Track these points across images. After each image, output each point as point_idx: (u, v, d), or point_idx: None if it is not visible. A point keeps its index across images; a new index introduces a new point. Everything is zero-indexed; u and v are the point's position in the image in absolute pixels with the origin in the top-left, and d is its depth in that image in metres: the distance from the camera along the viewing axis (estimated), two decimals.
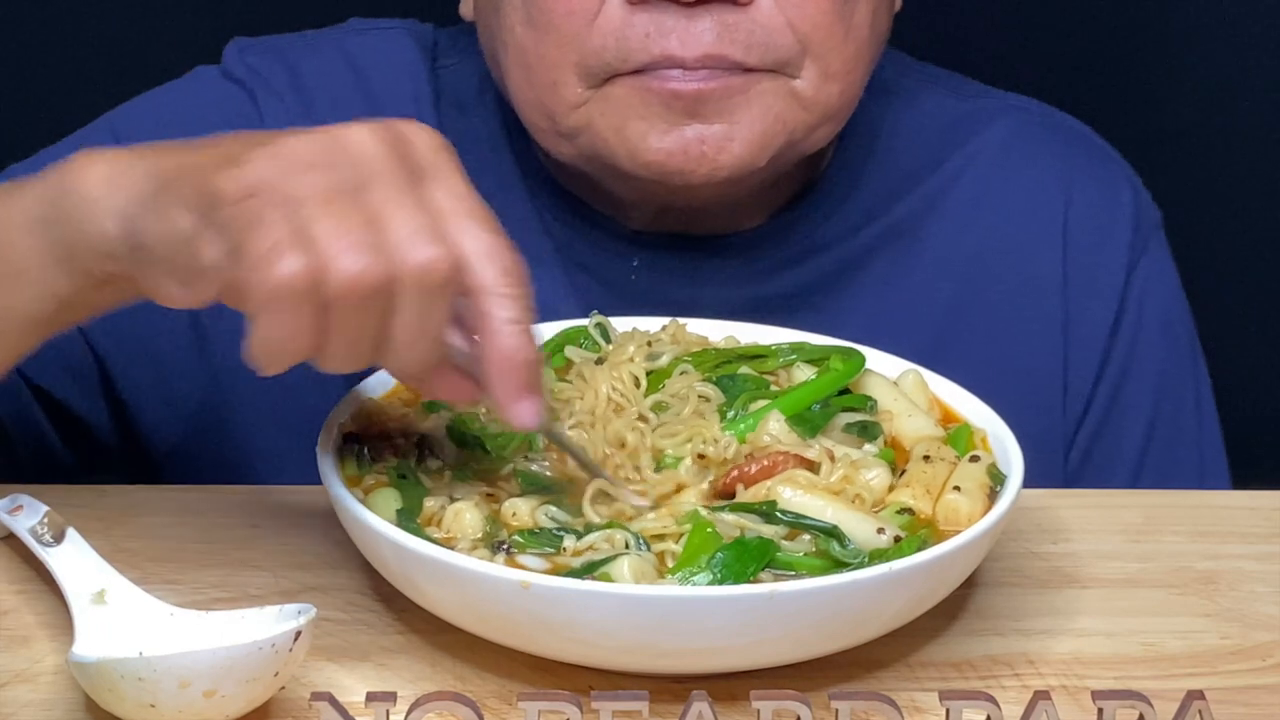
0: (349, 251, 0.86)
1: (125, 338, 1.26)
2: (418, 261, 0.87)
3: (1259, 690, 0.96)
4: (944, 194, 1.34)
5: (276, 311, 0.87)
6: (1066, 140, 1.38)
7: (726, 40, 1.16)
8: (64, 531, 1.01)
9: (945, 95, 1.38)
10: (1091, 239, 1.34)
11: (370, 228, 0.87)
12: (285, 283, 0.86)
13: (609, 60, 1.17)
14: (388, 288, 0.87)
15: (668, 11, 1.16)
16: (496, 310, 0.90)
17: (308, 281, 0.86)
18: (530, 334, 0.91)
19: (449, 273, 0.88)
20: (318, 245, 0.86)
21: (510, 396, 0.91)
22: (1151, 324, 1.35)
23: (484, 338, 0.90)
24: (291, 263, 0.86)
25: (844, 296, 1.31)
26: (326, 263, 0.86)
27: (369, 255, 0.87)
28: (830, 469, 0.99)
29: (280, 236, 0.86)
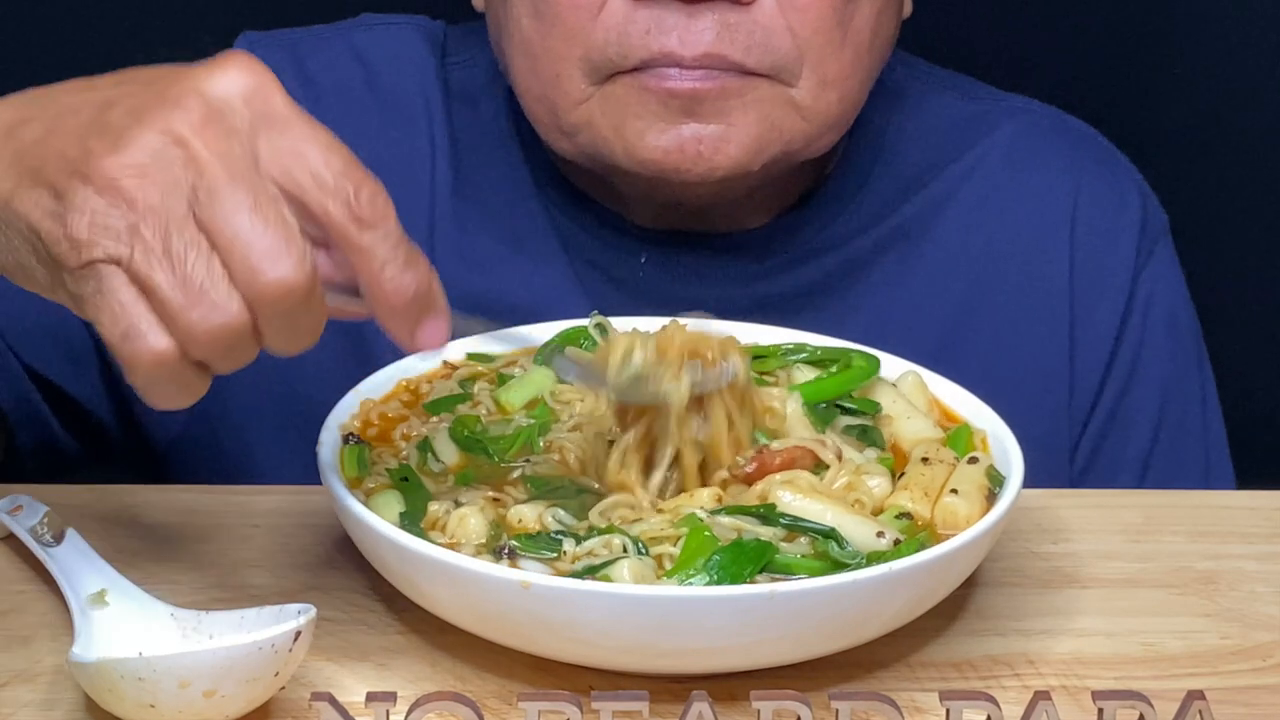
0: (199, 309, 0.83)
1: None
2: (269, 289, 0.84)
3: (1259, 690, 0.96)
4: (951, 196, 1.34)
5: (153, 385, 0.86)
6: (1074, 143, 1.38)
7: (726, 40, 1.16)
8: (64, 532, 1.01)
9: (953, 98, 1.38)
10: (1098, 242, 1.34)
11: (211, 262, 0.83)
12: (145, 362, 0.84)
13: (611, 55, 1.18)
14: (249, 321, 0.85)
15: (669, 9, 1.16)
16: (366, 260, 0.86)
17: (168, 358, 0.84)
18: (409, 267, 0.87)
19: (304, 288, 0.85)
20: (167, 311, 0.83)
21: (408, 332, 0.89)
22: (1157, 326, 1.35)
23: (363, 287, 0.87)
24: (147, 346, 0.84)
25: (850, 296, 1.31)
26: (182, 330, 0.84)
27: (220, 304, 0.83)
28: (836, 471, 0.99)
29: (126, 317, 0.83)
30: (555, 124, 1.22)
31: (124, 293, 0.83)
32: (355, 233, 0.86)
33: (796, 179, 1.30)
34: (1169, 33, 1.81)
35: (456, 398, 1.09)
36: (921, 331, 1.28)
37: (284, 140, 0.85)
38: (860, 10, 1.20)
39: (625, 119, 1.19)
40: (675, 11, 1.16)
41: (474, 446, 1.04)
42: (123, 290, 0.83)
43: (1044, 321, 1.33)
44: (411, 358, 1.12)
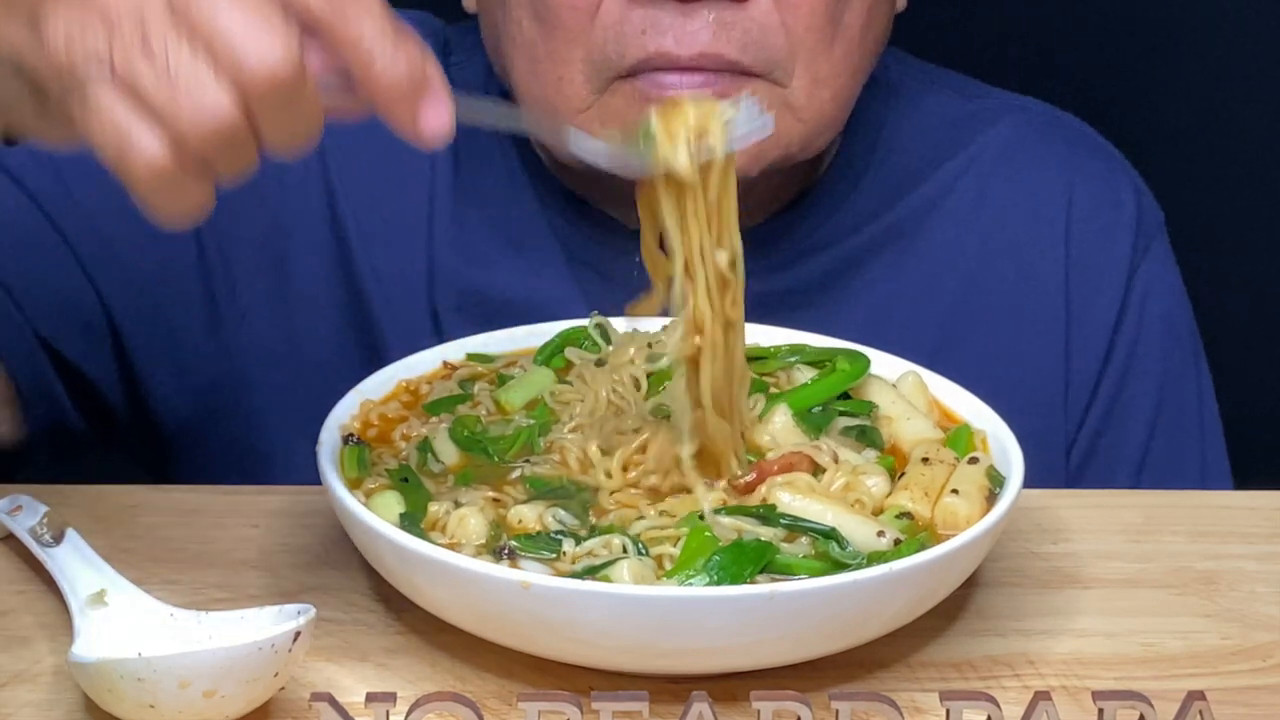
0: (188, 103, 0.81)
1: (138, 302, 1.27)
2: (259, 75, 0.81)
3: (1259, 690, 0.96)
4: (946, 193, 1.34)
5: (155, 195, 0.84)
6: (1069, 140, 1.38)
7: (723, 39, 1.17)
8: (63, 532, 1.01)
9: (949, 95, 1.38)
10: (1094, 239, 1.34)
11: (196, 52, 0.81)
12: (142, 173, 0.82)
13: (609, 55, 1.18)
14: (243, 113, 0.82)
15: (664, 9, 1.16)
16: (349, 48, 0.83)
17: (166, 163, 0.82)
18: (398, 48, 0.84)
19: (293, 69, 0.81)
20: (157, 110, 0.81)
21: (409, 122, 0.86)
22: (1153, 324, 1.35)
23: (356, 79, 0.84)
24: (143, 149, 0.81)
25: (846, 295, 1.31)
26: (175, 128, 0.81)
27: (210, 96, 0.81)
28: (834, 474, 0.99)
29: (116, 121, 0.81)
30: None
31: (109, 98, 0.81)
32: (338, 18, 0.83)
33: (791, 179, 1.30)
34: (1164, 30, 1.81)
35: (456, 398, 1.09)
36: (918, 329, 1.28)
37: None
38: (852, 6, 1.20)
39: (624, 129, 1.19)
40: (670, 11, 1.16)
41: (474, 447, 1.04)
42: (107, 96, 0.81)
43: (1040, 319, 1.33)
44: (412, 357, 1.12)
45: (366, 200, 1.30)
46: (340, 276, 1.29)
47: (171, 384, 1.29)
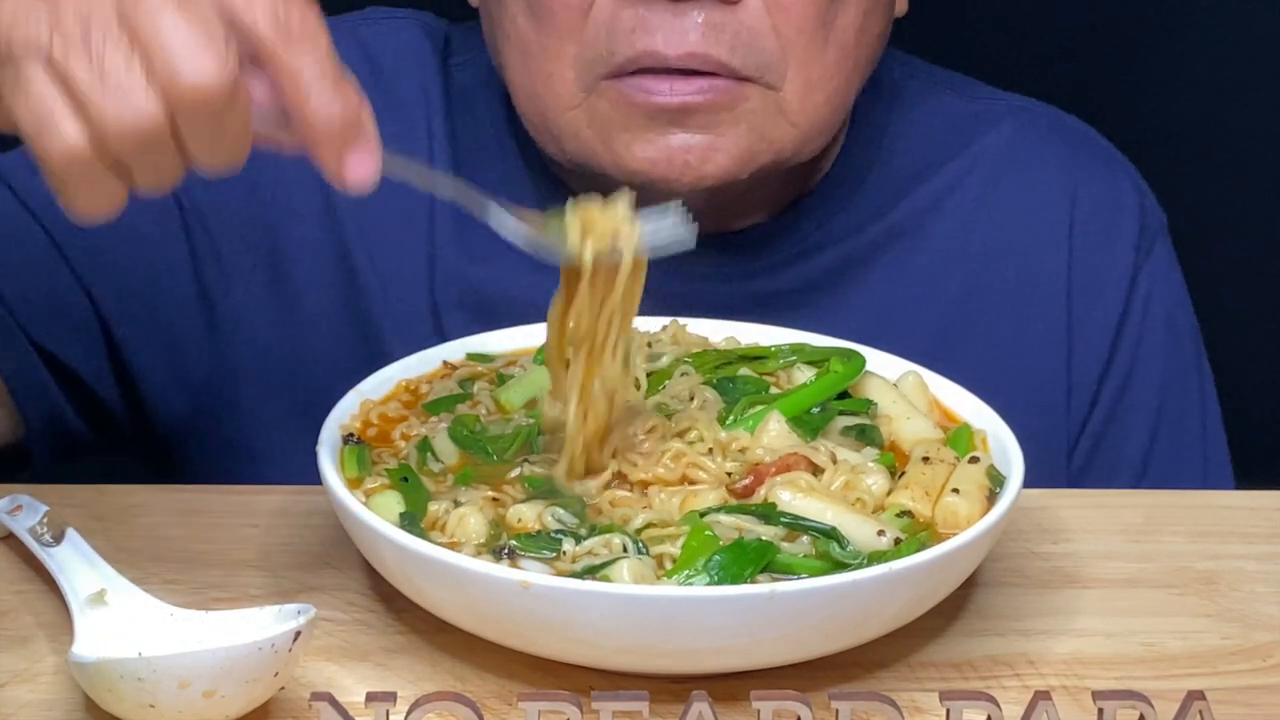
0: (112, 100, 0.82)
1: (131, 303, 1.27)
2: (189, 88, 0.82)
3: (1259, 690, 0.96)
4: (949, 194, 1.34)
5: (67, 183, 0.85)
6: (1072, 142, 1.38)
7: (712, 39, 1.16)
8: (63, 531, 1.01)
9: (951, 97, 1.38)
10: (1096, 241, 1.34)
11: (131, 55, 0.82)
12: (61, 159, 0.83)
13: (600, 52, 1.18)
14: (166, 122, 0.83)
15: (654, 8, 1.16)
16: (289, 82, 0.84)
17: (82, 151, 0.83)
18: (336, 90, 0.85)
19: (224, 85, 0.83)
20: (83, 100, 0.82)
21: (334, 161, 0.87)
22: (1156, 325, 1.35)
23: (289, 111, 0.85)
24: (61, 138, 0.83)
25: (847, 295, 1.31)
26: (95, 121, 0.82)
27: (135, 97, 0.82)
28: (833, 474, 0.99)
29: (41, 106, 0.83)
30: (545, 125, 1.23)
31: (39, 81, 0.83)
32: (282, 49, 0.83)
33: (792, 179, 1.29)
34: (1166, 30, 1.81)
35: (456, 398, 1.09)
36: (919, 329, 1.28)
37: None
38: (845, 10, 1.20)
39: (612, 131, 1.20)
40: (660, 11, 1.16)
41: (473, 446, 1.04)
42: (39, 79, 0.83)
43: (1041, 320, 1.33)
44: (412, 357, 1.12)
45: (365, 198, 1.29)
46: (339, 274, 1.29)
47: (168, 384, 1.29)
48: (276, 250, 1.29)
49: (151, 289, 1.27)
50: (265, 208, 1.29)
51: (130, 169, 0.85)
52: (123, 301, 1.27)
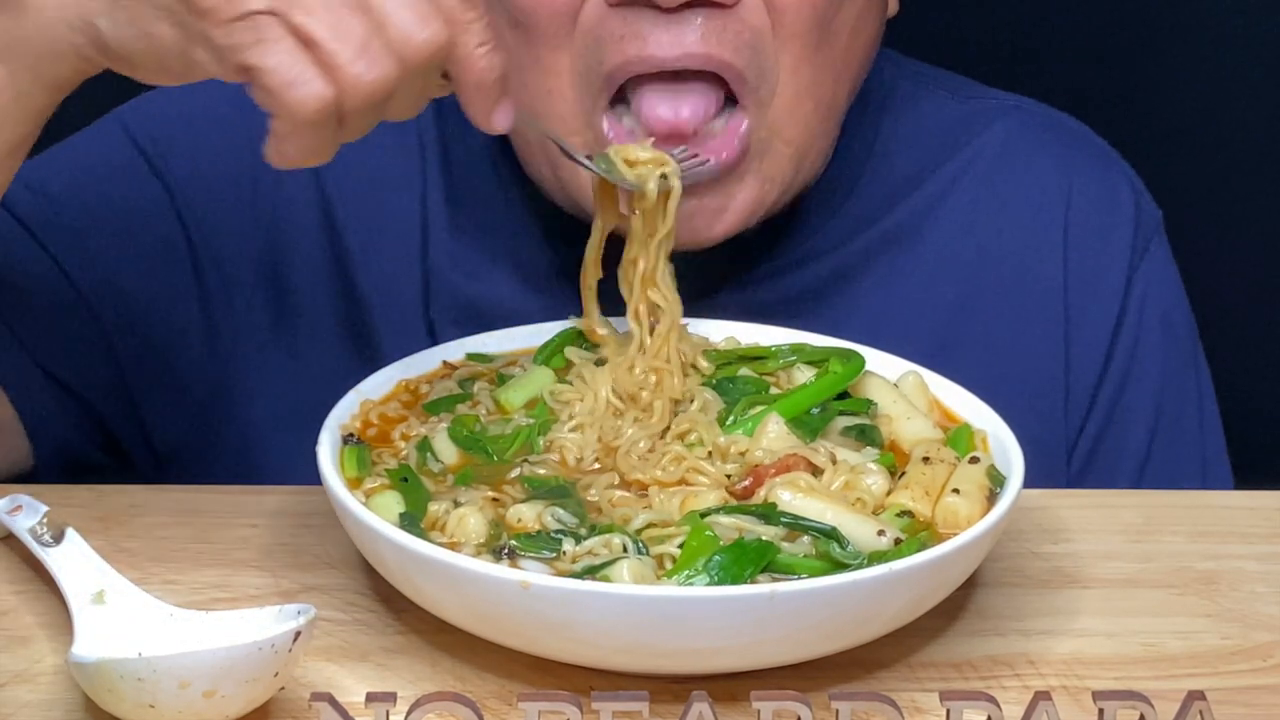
0: (360, 63, 0.90)
1: (138, 326, 1.27)
2: (423, 50, 0.92)
3: (1260, 690, 0.96)
4: (943, 197, 1.33)
5: (301, 135, 0.92)
6: (1066, 141, 1.37)
7: (713, 40, 1.15)
8: (63, 532, 1.01)
9: (944, 97, 1.37)
10: (1092, 241, 1.34)
11: (369, 21, 0.91)
12: (312, 114, 0.90)
13: (590, 64, 1.16)
14: (398, 82, 0.92)
15: (645, 16, 1.15)
16: (467, 39, 0.94)
17: (330, 104, 0.91)
18: (495, 52, 0.95)
19: (445, 47, 0.93)
20: (330, 61, 0.90)
21: (486, 111, 0.97)
22: (1153, 324, 1.34)
23: (456, 63, 0.95)
24: (313, 93, 0.90)
25: (843, 301, 1.30)
26: (344, 81, 0.90)
27: (381, 61, 0.91)
28: (833, 474, 0.99)
29: (293, 65, 0.90)
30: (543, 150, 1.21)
31: (287, 40, 0.90)
32: (461, 15, 0.93)
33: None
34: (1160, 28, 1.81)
35: (456, 398, 1.09)
36: (916, 334, 1.27)
37: None
38: (841, 13, 1.19)
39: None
40: (652, 19, 1.15)
41: (473, 446, 1.04)
42: (286, 39, 0.90)
43: (1039, 322, 1.32)
44: (411, 357, 1.12)
45: (361, 212, 1.30)
46: (338, 290, 1.29)
47: (170, 403, 1.29)
48: (276, 268, 1.29)
49: (154, 309, 1.27)
50: (266, 227, 1.29)
51: (346, 126, 0.93)
52: (126, 322, 1.27)
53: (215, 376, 1.29)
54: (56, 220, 1.25)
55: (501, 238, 1.29)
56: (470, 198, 1.30)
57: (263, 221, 1.29)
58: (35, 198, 1.25)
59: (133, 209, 1.27)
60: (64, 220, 1.25)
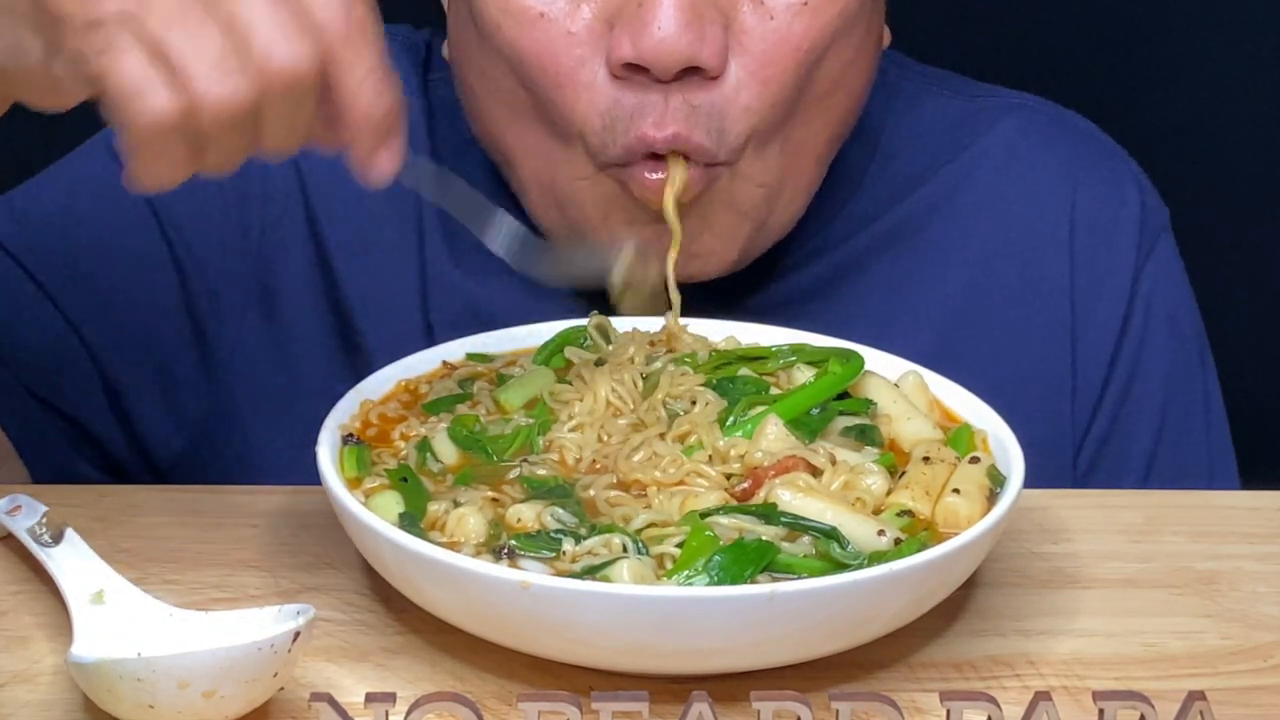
0: (213, 76, 0.85)
1: (127, 347, 1.27)
2: (285, 70, 0.86)
3: (1260, 691, 0.96)
4: (949, 196, 1.33)
5: (148, 151, 0.87)
6: (1072, 140, 1.37)
7: (693, 121, 1.14)
8: (62, 532, 1.01)
9: (948, 96, 1.37)
10: (1098, 240, 1.33)
11: (229, 35, 0.86)
12: (154, 125, 0.86)
13: (605, 141, 1.16)
14: (256, 103, 0.87)
15: (647, 90, 1.14)
16: (347, 73, 0.88)
17: (176, 121, 0.86)
18: (385, 87, 0.89)
19: (314, 68, 0.87)
20: (181, 72, 0.85)
21: (367, 150, 0.91)
22: (1159, 324, 1.34)
23: (338, 101, 0.89)
24: (157, 105, 0.85)
25: (846, 300, 1.30)
26: (193, 95, 0.85)
27: (234, 77, 0.86)
28: (832, 475, 0.99)
29: (139, 73, 0.85)
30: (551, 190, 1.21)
31: (136, 50, 0.86)
32: (343, 40, 0.88)
33: None
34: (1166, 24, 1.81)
35: (455, 398, 1.09)
36: (921, 333, 1.27)
37: None
38: (823, 68, 1.18)
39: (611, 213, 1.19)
40: (654, 92, 1.15)
41: (473, 446, 1.04)
42: (135, 48, 0.86)
43: (1044, 322, 1.32)
44: (411, 357, 1.12)
45: (350, 222, 1.29)
46: (327, 301, 1.29)
47: (166, 423, 1.29)
48: (268, 284, 1.28)
49: (146, 330, 1.27)
50: (256, 242, 1.28)
51: (204, 146, 0.88)
52: (118, 345, 1.26)
53: (211, 397, 1.29)
54: (42, 246, 1.25)
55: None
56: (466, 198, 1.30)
57: (250, 235, 1.28)
58: (20, 225, 1.25)
59: (117, 229, 1.26)
60: (50, 245, 1.25)
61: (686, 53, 1.13)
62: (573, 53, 1.16)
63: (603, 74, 1.16)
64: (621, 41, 1.14)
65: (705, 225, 1.19)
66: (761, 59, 1.15)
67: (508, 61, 1.18)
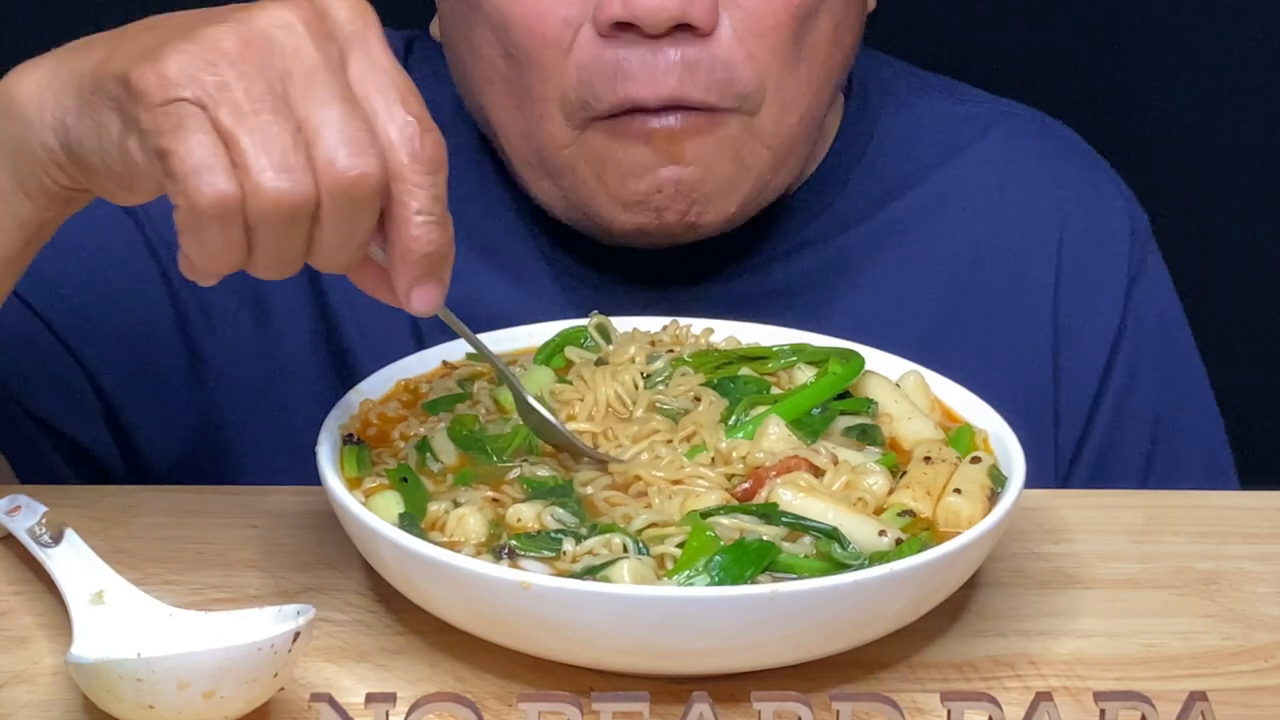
0: (274, 171, 0.86)
1: (121, 362, 1.26)
2: (345, 176, 0.86)
3: (1261, 691, 0.96)
4: (937, 200, 1.33)
5: (200, 231, 0.87)
6: (1059, 149, 1.38)
7: (689, 81, 1.16)
8: (62, 532, 1.00)
9: (940, 100, 1.38)
10: (1088, 251, 1.34)
11: (295, 137, 0.86)
12: (209, 205, 0.86)
13: (585, 98, 1.17)
14: (313, 204, 0.87)
15: (635, 46, 1.16)
16: (407, 199, 0.88)
17: (232, 204, 0.86)
18: (439, 225, 0.89)
19: (376, 185, 0.87)
20: (243, 163, 0.86)
21: (409, 283, 0.90)
22: (1150, 332, 1.35)
23: (391, 226, 0.89)
24: (215, 185, 0.85)
25: (831, 296, 1.30)
26: (252, 184, 0.86)
27: (295, 174, 0.86)
28: (834, 475, 0.99)
29: (203, 154, 0.86)
30: (540, 164, 1.22)
31: (204, 133, 0.86)
32: (409, 168, 0.88)
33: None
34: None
35: (455, 397, 1.09)
36: (904, 334, 1.27)
37: (372, 63, 0.88)
38: (817, 25, 1.20)
39: (606, 166, 1.19)
40: (640, 50, 1.16)
41: (472, 446, 1.04)
42: (204, 132, 0.86)
43: (1028, 329, 1.33)
44: (411, 357, 1.12)
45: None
46: (315, 309, 1.29)
47: (160, 435, 1.29)
48: (257, 294, 1.28)
49: (136, 344, 1.27)
50: None
51: (259, 240, 0.88)
52: (112, 362, 1.26)
53: (203, 408, 1.29)
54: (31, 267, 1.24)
55: (485, 242, 1.29)
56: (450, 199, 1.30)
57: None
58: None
59: (105, 246, 1.26)
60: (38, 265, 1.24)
61: (678, 8, 1.14)
62: (559, 14, 1.17)
63: (589, 33, 1.17)
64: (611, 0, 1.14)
65: (709, 172, 1.20)
66: (754, 13, 1.17)
67: (494, 28, 1.19)
